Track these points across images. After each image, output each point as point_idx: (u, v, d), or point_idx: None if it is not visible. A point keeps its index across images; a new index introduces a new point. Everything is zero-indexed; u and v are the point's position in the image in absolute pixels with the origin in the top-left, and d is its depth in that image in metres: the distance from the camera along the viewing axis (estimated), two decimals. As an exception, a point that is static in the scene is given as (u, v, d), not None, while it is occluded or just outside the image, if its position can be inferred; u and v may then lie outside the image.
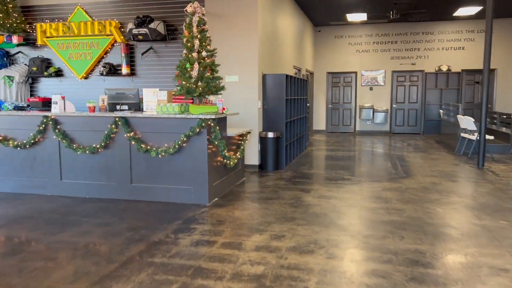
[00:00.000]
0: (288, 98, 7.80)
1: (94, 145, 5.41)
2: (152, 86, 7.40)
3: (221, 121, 5.49)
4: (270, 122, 7.62)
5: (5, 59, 8.02)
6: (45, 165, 5.67)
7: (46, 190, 5.70)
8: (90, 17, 7.71)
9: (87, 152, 5.43)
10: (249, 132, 6.57)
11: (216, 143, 5.21)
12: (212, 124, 5.12)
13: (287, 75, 7.68)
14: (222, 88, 5.46)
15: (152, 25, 7.19)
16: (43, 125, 5.56)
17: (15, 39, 7.80)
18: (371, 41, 14.31)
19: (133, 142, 5.25)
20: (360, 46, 14.44)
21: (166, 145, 5.17)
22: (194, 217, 4.60)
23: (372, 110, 14.41)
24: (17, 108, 8.29)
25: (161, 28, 7.22)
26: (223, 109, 5.37)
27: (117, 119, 5.31)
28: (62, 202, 5.29)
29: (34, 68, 7.82)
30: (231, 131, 5.86)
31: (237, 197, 5.51)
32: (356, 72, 14.61)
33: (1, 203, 5.30)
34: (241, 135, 6.29)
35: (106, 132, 5.35)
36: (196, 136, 5.06)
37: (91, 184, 5.53)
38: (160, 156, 5.18)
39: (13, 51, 8.11)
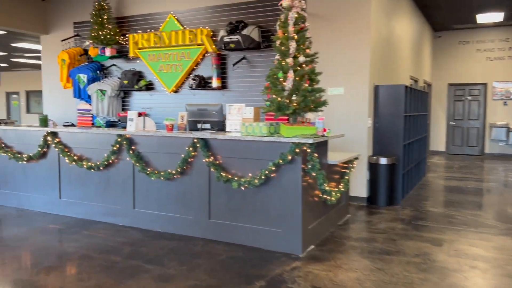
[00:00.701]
0: (406, 115, 6.29)
1: (169, 170, 4.57)
2: (244, 101, 6.48)
3: (321, 146, 4.27)
4: (382, 144, 6.18)
5: (98, 72, 7.80)
6: (118, 190, 5.00)
7: (117, 219, 5.02)
8: (182, 25, 7.10)
9: (162, 178, 4.62)
10: (356, 158, 5.24)
11: (314, 174, 4.01)
12: (308, 150, 3.93)
13: (406, 86, 6.18)
14: (324, 103, 4.25)
15: (245, 31, 6.28)
16: (118, 145, 4.90)
17: (108, 52, 7.52)
18: (507, 47, 11.89)
19: (212, 169, 4.29)
20: (491, 53, 12.09)
21: (250, 174, 4.11)
22: (281, 277, 3.42)
23: (506, 129, 11.91)
24: (109, 123, 8.04)
25: (255, 34, 6.28)
26: (324, 130, 4.15)
27: (195, 140, 4.41)
28: (130, 237, 4.51)
29: (126, 82, 7.44)
30: (334, 157, 4.60)
31: (339, 246, 4.21)
32: (485, 84, 12.26)
33: (68, 233, 4.70)
34: (347, 162, 5.00)
35: (183, 155, 4.48)
36: (287, 165, 3.92)
37: (165, 217, 4.70)
38: (242, 188, 4.14)
39: (107, 63, 7.86)
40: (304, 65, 4.12)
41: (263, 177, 3.98)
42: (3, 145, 5.88)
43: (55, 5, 8.50)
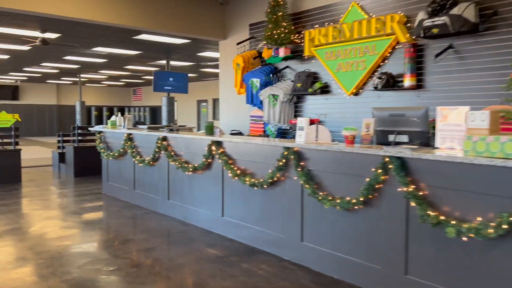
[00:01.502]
0: None
1: (348, 198, 3.38)
2: (448, 104, 4.84)
3: None
4: None
5: (271, 75, 7.13)
6: (283, 216, 4.04)
7: (282, 251, 4.05)
8: (367, 13, 5.84)
9: (338, 207, 3.45)
10: None
11: None
12: None
13: None
14: None
15: (455, 10, 4.65)
16: (284, 160, 3.94)
17: (282, 52, 6.76)
18: None
19: (413, 203, 2.92)
20: None
21: (480, 218, 2.60)
22: None
23: None
24: (281, 131, 7.31)
25: (470, 13, 4.59)
26: None
27: (387, 159, 3.11)
28: (296, 281, 3.47)
29: (299, 85, 6.56)
30: None
31: None
32: None
33: (226, 263, 3.94)
34: None
35: (368, 179, 3.23)
36: (555, 210, 2.28)
37: (341, 259, 3.51)
38: (464, 238, 2.65)
39: (280, 65, 7.14)
40: None
41: (503, 226, 2.44)
42: (172, 154, 5.60)
43: (232, 8, 8.24)
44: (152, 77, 9.90)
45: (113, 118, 7.66)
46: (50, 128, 25.71)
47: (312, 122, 3.94)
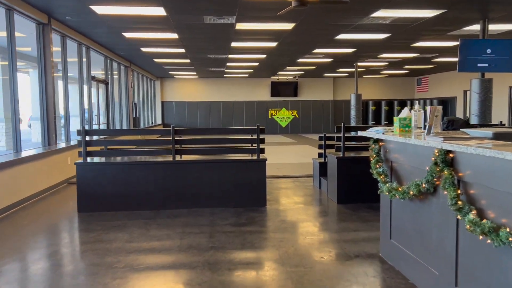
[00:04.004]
0: None
1: None
2: None
3: None
4: None
5: None
6: None
7: None
8: None
9: None
10: None
11: None
12: None
13: None
14: None
15: None
16: None
17: None
18: None
19: None
20: None
21: None
22: None
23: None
24: None
25: None
26: None
27: None
28: None
29: None
30: None
31: None
32: None
33: None
34: None
35: None
36: None
37: None
38: None
39: None
40: None
41: None
42: None
43: None
44: (450, 57, 5.47)
45: (404, 113, 3.88)
46: (326, 125, 24.29)
47: None
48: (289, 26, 9.20)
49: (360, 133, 4.20)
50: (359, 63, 16.68)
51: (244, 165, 6.06)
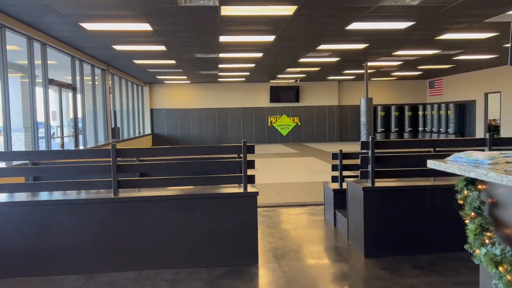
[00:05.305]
0: None
1: None
2: None
3: None
4: None
5: None
6: None
7: None
8: None
9: None
10: None
11: None
12: None
13: None
14: None
15: None
16: None
17: None
18: None
19: None
20: None
21: None
22: None
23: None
24: None
25: None
26: None
27: None
28: None
29: None
30: None
31: None
32: None
33: None
34: None
35: None
36: None
37: None
38: None
39: None
40: None
41: None
42: None
43: None
44: (476, 55, 3.39)
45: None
46: (331, 133, 22.22)
47: None
48: (289, 10, 7.19)
49: (431, 164, 2.15)
50: (369, 63, 14.66)
51: (225, 202, 4.02)
